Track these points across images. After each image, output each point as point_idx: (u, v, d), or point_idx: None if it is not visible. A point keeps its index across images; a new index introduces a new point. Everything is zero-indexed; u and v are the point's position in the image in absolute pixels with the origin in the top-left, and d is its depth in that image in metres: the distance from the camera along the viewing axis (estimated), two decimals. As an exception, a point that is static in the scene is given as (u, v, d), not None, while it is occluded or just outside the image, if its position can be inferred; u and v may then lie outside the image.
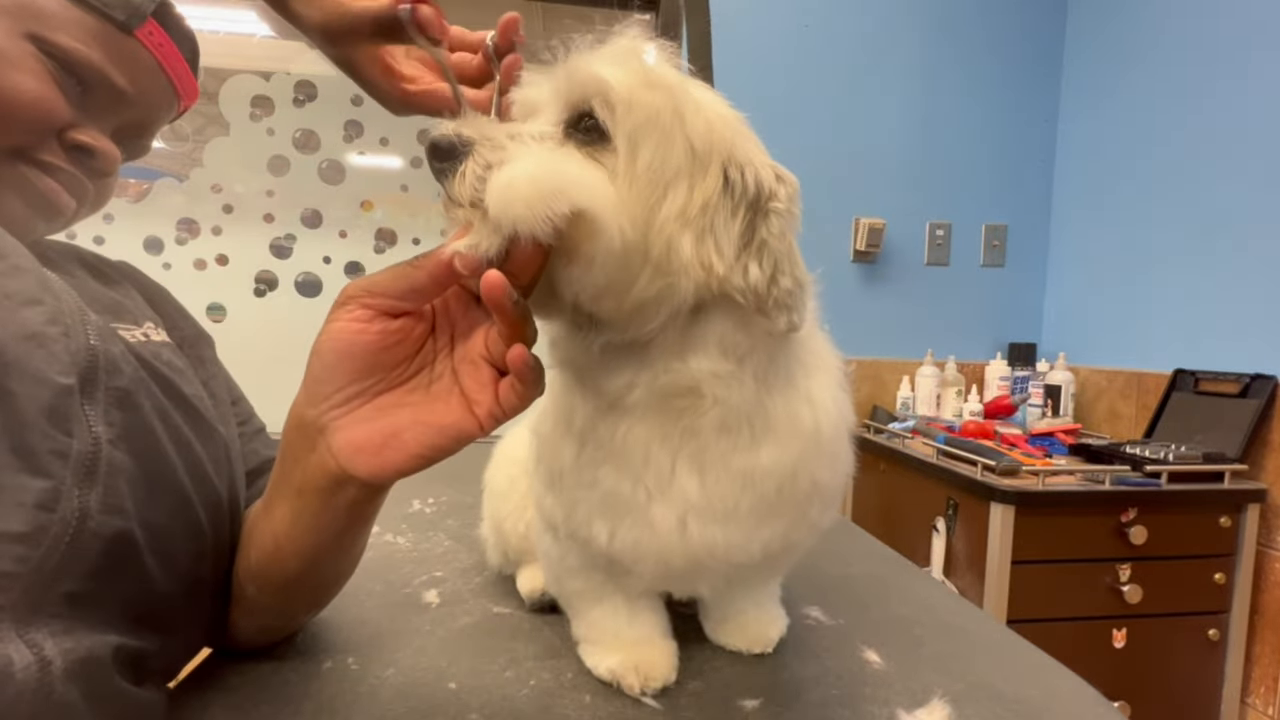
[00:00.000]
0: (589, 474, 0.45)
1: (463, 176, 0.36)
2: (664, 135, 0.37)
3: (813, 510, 0.48)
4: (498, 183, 0.35)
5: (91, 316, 0.40)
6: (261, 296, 1.90)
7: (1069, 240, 2.08)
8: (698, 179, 0.38)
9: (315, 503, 0.40)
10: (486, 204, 0.34)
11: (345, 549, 0.47)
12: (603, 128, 0.37)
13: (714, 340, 0.41)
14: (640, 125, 0.37)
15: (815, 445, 0.45)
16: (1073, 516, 1.40)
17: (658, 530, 0.44)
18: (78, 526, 0.35)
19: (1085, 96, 2.03)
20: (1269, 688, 1.46)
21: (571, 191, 0.34)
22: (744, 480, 0.44)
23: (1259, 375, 1.49)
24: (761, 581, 0.59)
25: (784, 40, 1.99)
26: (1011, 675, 0.54)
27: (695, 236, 0.38)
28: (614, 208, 0.36)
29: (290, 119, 1.87)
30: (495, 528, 0.68)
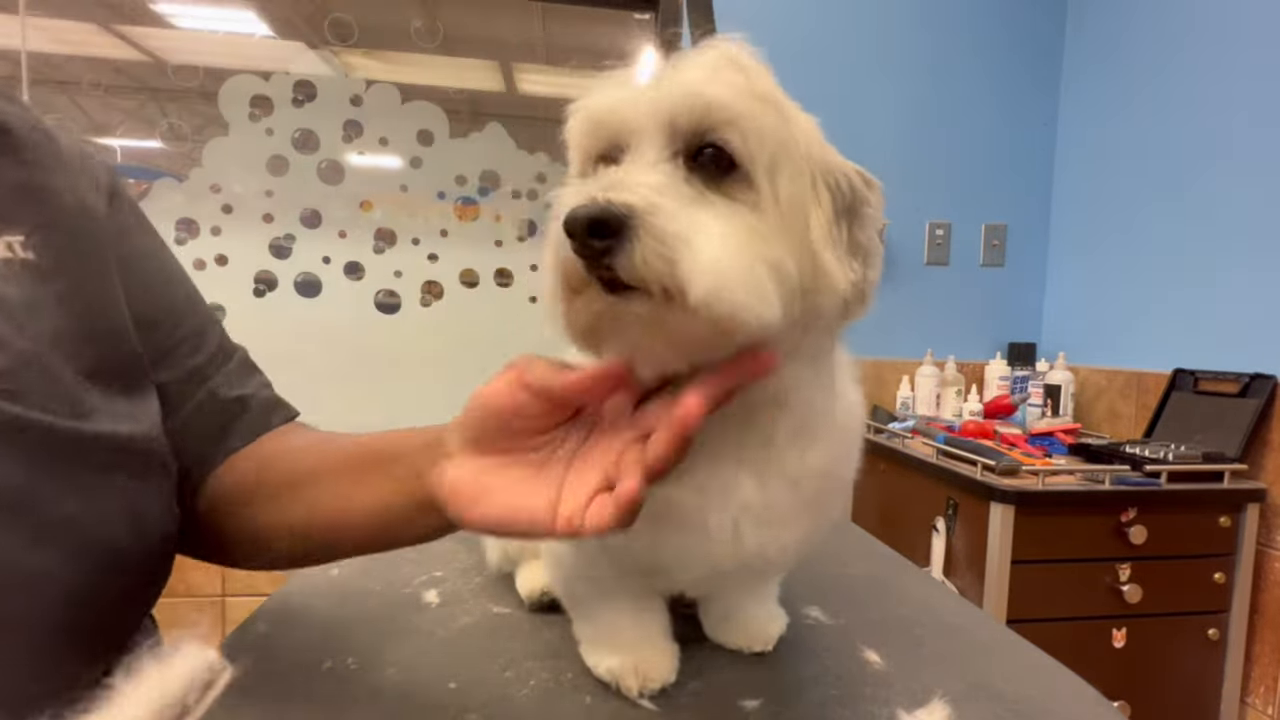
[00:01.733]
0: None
1: (643, 257, 0.31)
2: (792, 160, 0.35)
3: (836, 507, 0.49)
4: (703, 265, 0.31)
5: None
6: (261, 297, 1.90)
7: (1069, 240, 2.08)
8: (818, 197, 0.37)
9: (402, 509, 0.43)
10: (690, 294, 0.30)
11: (388, 547, 0.48)
12: (727, 157, 0.34)
13: (810, 348, 0.40)
14: (774, 153, 0.34)
15: (847, 444, 0.46)
16: (1072, 516, 1.40)
17: (713, 538, 0.43)
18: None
19: (1085, 96, 2.03)
20: (1269, 687, 1.46)
21: (768, 288, 0.32)
22: (792, 483, 0.44)
23: (1259, 375, 1.49)
24: (767, 579, 0.59)
25: (783, 40, 1.98)
26: (1011, 675, 0.54)
27: (833, 254, 0.37)
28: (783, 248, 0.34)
29: (289, 119, 1.87)
30: None
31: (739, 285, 0.31)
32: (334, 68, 1.97)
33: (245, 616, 0.59)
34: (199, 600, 1.82)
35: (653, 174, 0.33)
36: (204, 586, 1.82)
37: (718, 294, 0.31)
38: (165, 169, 1.86)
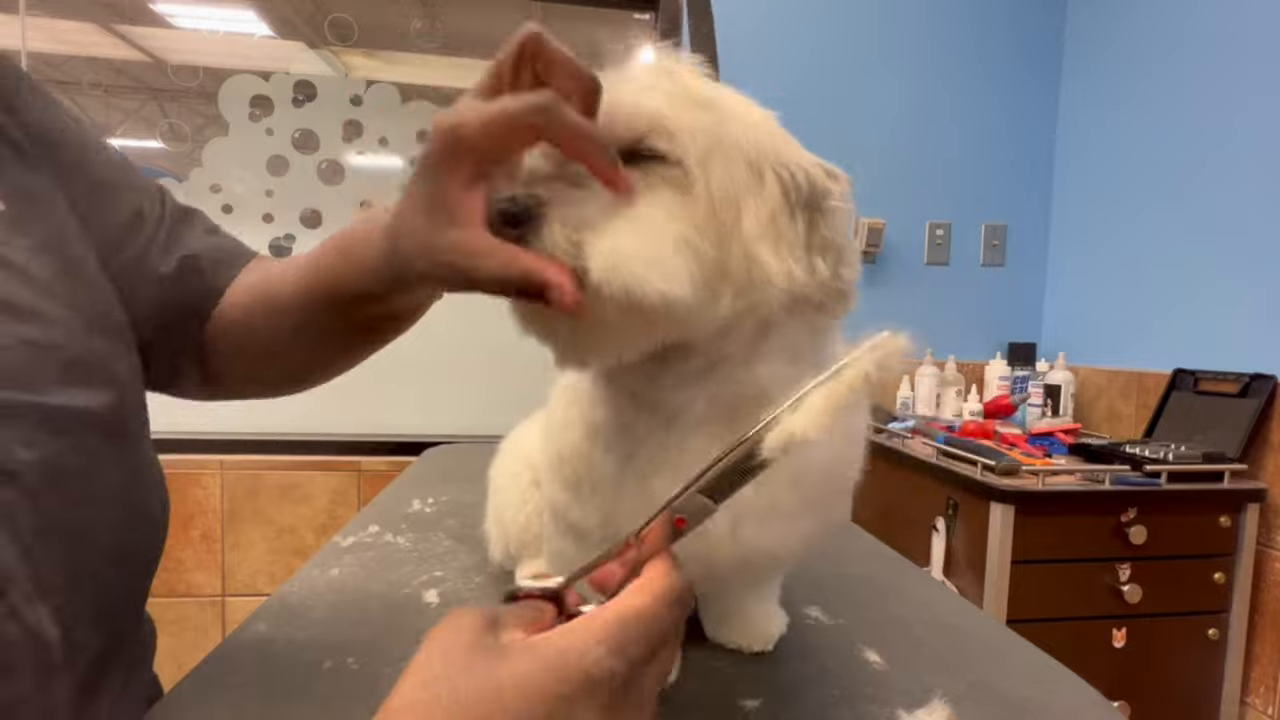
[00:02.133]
0: (637, 485, 0.44)
1: (552, 238, 0.33)
2: (725, 154, 0.36)
3: (838, 507, 0.49)
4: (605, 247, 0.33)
5: None
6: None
7: (1069, 240, 2.08)
8: (758, 190, 0.37)
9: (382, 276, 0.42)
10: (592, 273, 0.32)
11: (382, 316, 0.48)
12: (666, 158, 0.36)
13: (783, 346, 0.40)
14: (705, 149, 0.36)
15: (850, 441, 0.46)
16: (1072, 516, 1.40)
17: (710, 537, 0.43)
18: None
19: (1085, 96, 2.03)
20: (1269, 687, 1.46)
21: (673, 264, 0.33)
22: (793, 481, 0.44)
23: (1259, 375, 1.49)
24: (767, 579, 0.59)
25: (783, 40, 1.99)
26: (1011, 675, 0.54)
27: (772, 248, 0.37)
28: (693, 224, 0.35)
29: (289, 119, 1.87)
30: (497, 520, 0.68)
31: (639, 261, 0.32)
32: (334, 68, 1.97)
33: (245, 616, 0.59)
34: (199, 600, 1.82)
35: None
36: (204, 586, 1.82)
37: (615, 270, 0.32)
38: (165, 169, 1.86)
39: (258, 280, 0.50)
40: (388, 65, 2.01)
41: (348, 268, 0.43)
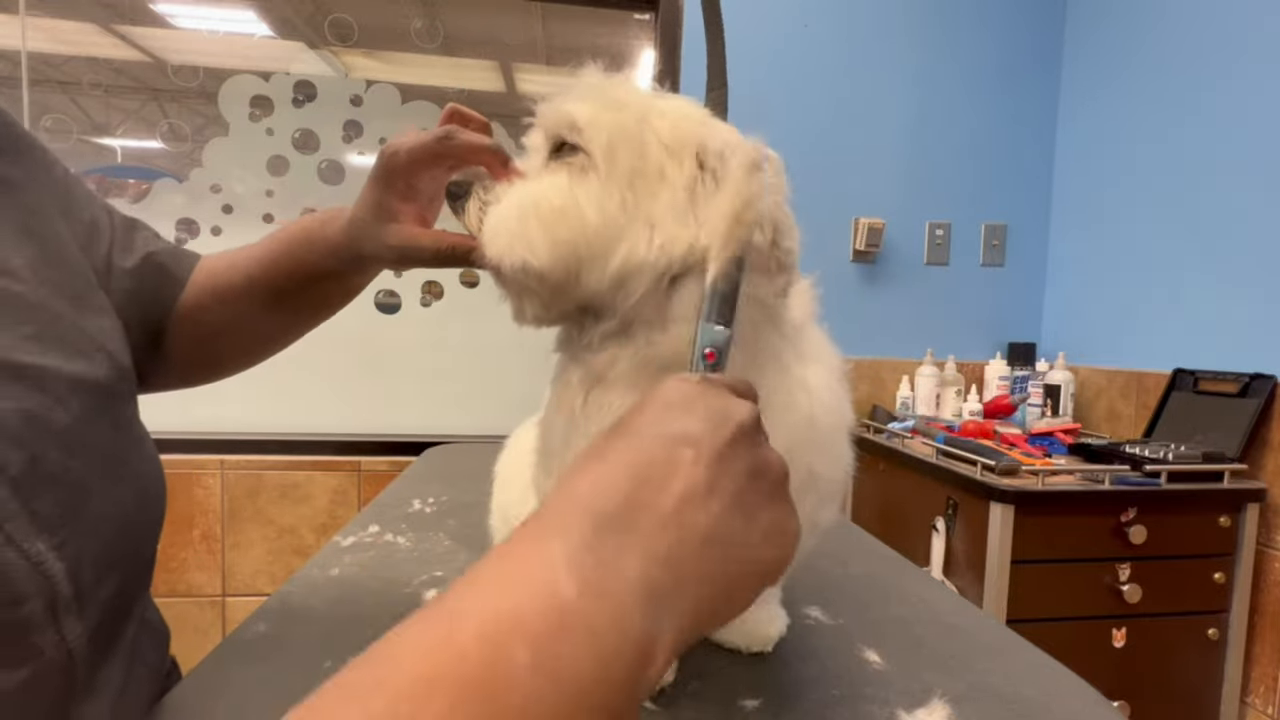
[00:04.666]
0: (577, 448, 0.46)
1: (468, 211, 0.44)
2: (634, 142, 0.43)
3: (807, 502, 0.47)
4: (487, 224, 0.43)
5: None
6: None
7: (1069, 240, 2.08)
8: (674, 170, 0.42)
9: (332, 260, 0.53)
10: (483, 242, 0.43)
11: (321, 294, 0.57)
12: (579, 148, 0.43)
13: (690, 309, 0.42)
14: (611, 138, 0.42)
15: (810, 433, 0.45)
16: (1072, 516, 1.40)
17: None
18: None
19: (1085, 96, 2.03)
20: (1269, 687, 1.46)
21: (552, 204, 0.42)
22: None
23: (1258, 375, 1.49)
24: None
25: (784, 40, 1.99)
26: (1011, 675, 0.54)
27: (678, 215, 0.42)
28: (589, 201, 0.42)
29: (289, 119, 1.87)
30: (502, 516, 0.69)
31: (507, 234, 0.42)
32: (334, 68, 1.97)
33: (245, 616, 0.59)
34: (199, 600, 1.82)
35: (530, 162, 0.46)
36: (204, 586, 1.82)
37: (490, 240, 0.42)
38: (165, 169, 1.86)
39: (204, 277, 0.57)
40: (388, 65, 2.01)
41: (310, 251, 0.53)
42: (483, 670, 0.19)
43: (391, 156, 0.46)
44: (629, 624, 0.22)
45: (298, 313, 0.59)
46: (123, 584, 0.42)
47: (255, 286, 0.55)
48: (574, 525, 0.23)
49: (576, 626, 0.20)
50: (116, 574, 0.40)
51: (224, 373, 0.63)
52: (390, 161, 0.46)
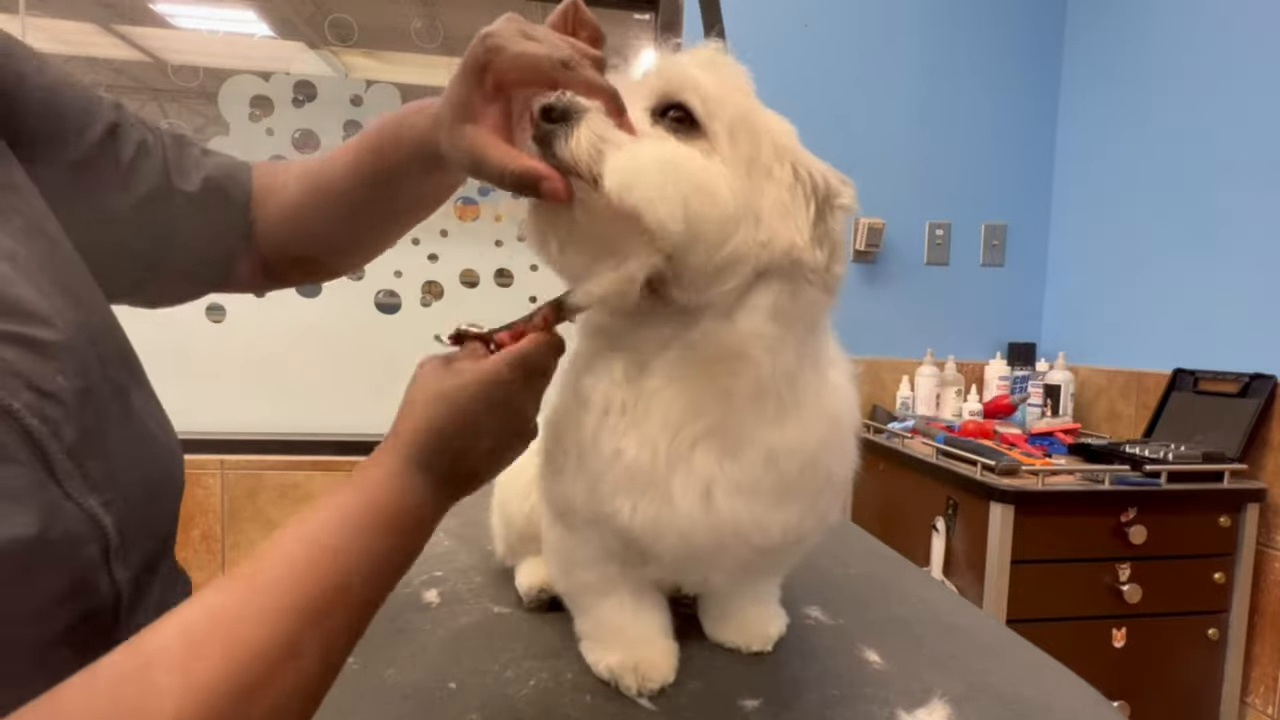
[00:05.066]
0: (611, 445, 0.46)
1: (578, 140, 0.39)
2: (752, 132, 0.42)
3: (823, 500, 0.49)
4: (622, 163, 0.38)
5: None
6: (261, 297, 1.90)
7: (1069, 240, 2.08)
8: (777, 171, 0.43)
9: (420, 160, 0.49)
10: (605, 181, 0.38)
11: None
12: (694, 119, 0.42)
13: (766, 305, 0.43)
14: (734, 121, 0.42)
15: (836, 433, 0.47)
16: (1072, 516, 1.40)
17: (677, 505, 0.45)
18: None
19: (1085, 96, 2.03)
20: (1269, 687, 1.46)
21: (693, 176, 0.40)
22: (768, 456, 0.45)
23: (1258, 375, 1.49)
24: (765, 576, 0.59)
25: (784, 40, 1.99)
26: (1011, 675, 0.54)
27: (782, 215, 0.43)
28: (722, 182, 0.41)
29: (289, 119, 1.87)
30: (502, 511, 0.68)
31: (649, 187, 0.38)
32: (334, 68, 1.97)
33: (245, 616, 0.59)
34: (199, 600, 1.81)
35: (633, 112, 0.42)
36: (204, 586, 1.82)
37: (628, 187, 0.38)
38: (165, 169, 1.86)
39: (308, 176, 0.55)
40: (388, 65, 2.01)
41: (397, 149, 0.49)
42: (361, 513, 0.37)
43: (492, 52, 0.41)
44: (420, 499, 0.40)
45: (391, 216, 0.57)
46: (153, 540, 0.44)
47: (351, 187, 0.53)
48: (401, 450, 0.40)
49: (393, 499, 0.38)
50: (148, 530, 0.43)
51: (321, 275, 0.62)
52: (487, 58, 0.41)
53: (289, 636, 0.31)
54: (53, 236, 0.42)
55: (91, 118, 0.48)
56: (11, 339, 0.34)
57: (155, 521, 0.44)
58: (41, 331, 0.35)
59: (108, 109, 0.49)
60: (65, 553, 0.34)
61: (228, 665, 0.29)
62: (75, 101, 0.47)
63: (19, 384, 0.33)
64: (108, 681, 0.27)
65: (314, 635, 0.33)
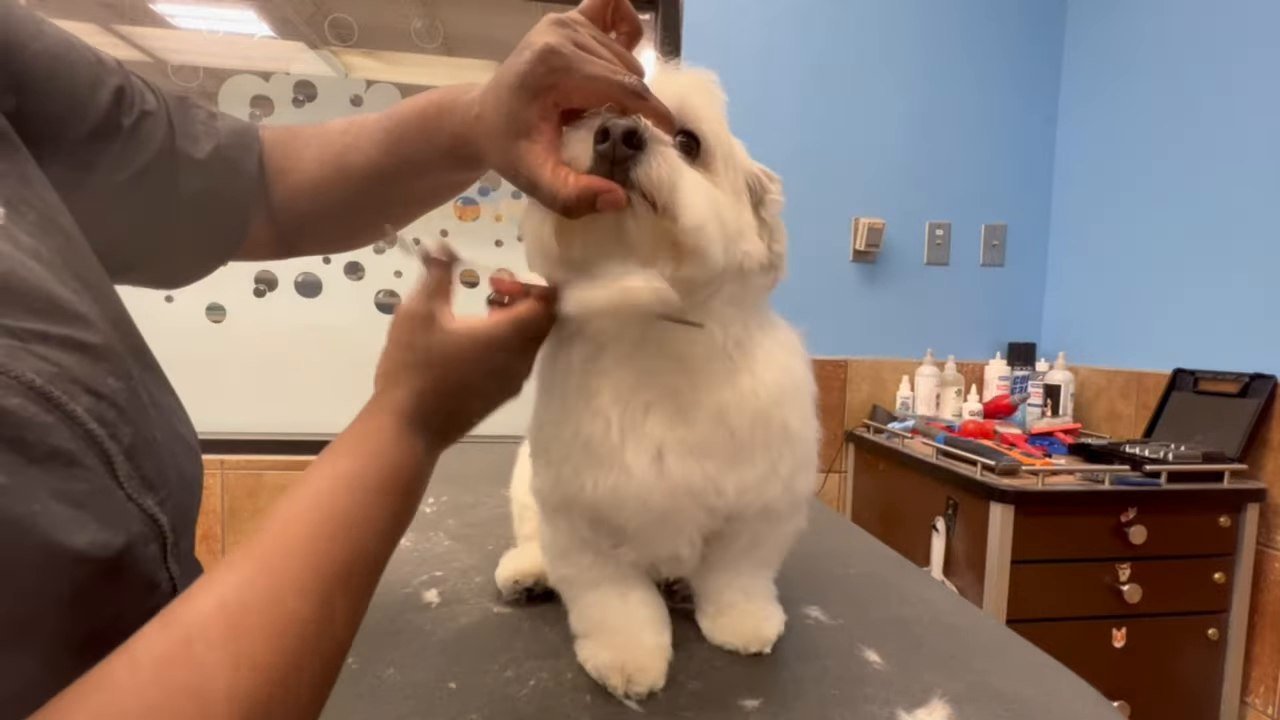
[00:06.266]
0: (571, 426, 0.48)
1: (658, 171, 0.40)
2: (735, 161, 0.47)
3: (784, 463, 0.51)
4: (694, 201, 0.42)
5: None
6: (261, 297, 1.90)
7: (1069, 240, 2.08)
8: (744, 190, 0.49)
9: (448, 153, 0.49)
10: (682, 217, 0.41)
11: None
12: (699, 146, 0.45)
13: (725, 294, 0.48)
14: (727, 154, 0.46)
15: (790, 387, 0.50)
16: (1072, 516, 1.40)
17: (633, 472, 0.47)
18: None
19: (1085, 96, 2.03)
20: (1269, 687, 1.46)
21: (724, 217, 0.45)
22: (718, 414, 0.48)
23: (1259, 375, 1.49)
24: (749, 565, 0.59)
25: (784, 40, 1.99)
26: (1011, 675, 0.54)
27: (752, 230, 0.48)
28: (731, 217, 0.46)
29: (289, 119, 1.87)
30: (517, 505, 0.72)
31: (713, 228, 0.43)
32: (334, 68, 1.97)
33: (245, 616, 0.59)
34: (199, 600, 1.81)
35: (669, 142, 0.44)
36: (204, 586, 1.81)
37: (703, 229, 0.42)
38: (165, 169, 1.86)
39: (329, 154, 0.54)
40: (388, 65, 2.01)
41: (426, 143, 0.49)
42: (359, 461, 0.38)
43: (558, 73, 0.40)
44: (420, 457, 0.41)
45: (412, 202, 0.57)
46: (190, 534, 0.44)
47: (377, 172, 0.52)
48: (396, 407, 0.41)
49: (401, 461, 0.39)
50: (187, 524, 0.42)
51: (340, 247, 0.63)
52: (552, 77, 0.40)
53: (324, 605, 0.32)
54: (66, 230, 0.40)
55: (98, 83, 0.44)
56: (64, 342, 0.33)
57: (190, 519, 0.44)
58: (86, 334, 0.35)
59: (111, 71, 0.46)
60: (137, 555, 0.34)
61: (272, 639, 0.29)
62: (80, 67, 0.44)
63: (78, 389, 0.33)
64: (152, 661, 0.27)
65: (343, 599, 0.33)
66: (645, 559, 0.54)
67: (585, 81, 0.40)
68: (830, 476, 2.04)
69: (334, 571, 0.33)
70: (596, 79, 0.40)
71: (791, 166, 2.01)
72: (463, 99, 0.46)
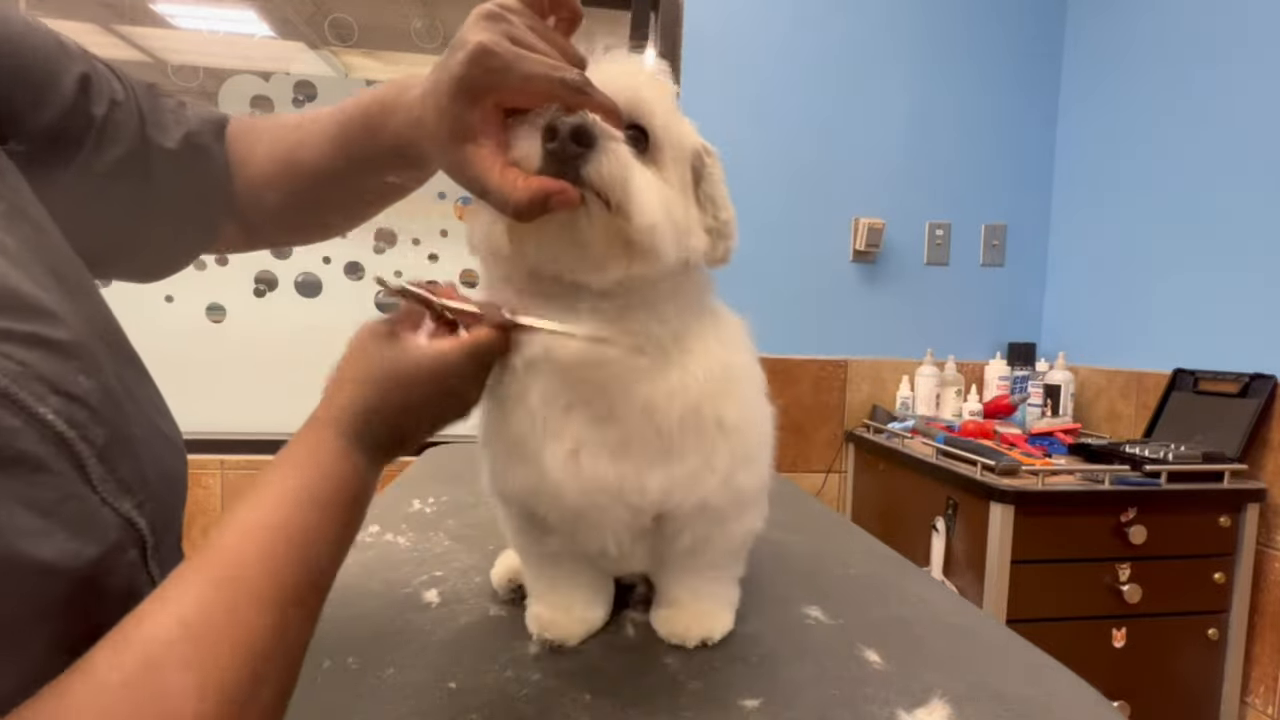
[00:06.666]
0: (503, 424, 0.49)
1: (609, 168, 0.40)
2: (682, 153, 0.47)
3: (719, 458, 0.50)
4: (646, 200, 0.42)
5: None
6: (261, 297, 1.90)
7: (1069, 240, 2.08)
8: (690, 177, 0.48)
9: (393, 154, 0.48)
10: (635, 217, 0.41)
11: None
12: (647, 140, 0.45)
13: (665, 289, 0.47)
14: (676, 147, 0.46)
15: (725, 382, 0.49)
16: (1072, 516, 1.40)
17: (548, 469, 0.47)
18: None
19: (1085, 96, 2.03)
20: (1269, 687, 1.46)
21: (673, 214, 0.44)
22: (645, 411, 0.47)
23: (1259, 375, 1.49)
24: (697, 565, 0.58)
25: (784, 40, 1.99)
26: (1011, 675, 0.54)
27: (698, 227, 0.48)
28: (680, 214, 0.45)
29: (290, 119, 1.87)
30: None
31: (665, 227, 0.43)
32: (334, 68, 1.97)
33: (245, 616, 0.59)
34: (199, 600, 1.81)
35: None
36: (204, 586, 1.81)
37: (656, 228, 0.42)
38: (165, 169, 1.86)
39: (280, 149, 0.53)
40: (388, 65, 2.01)
41: (373, 142, 0.48)
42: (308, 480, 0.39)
43: (493, 74, 0.38)
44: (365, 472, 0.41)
45: (362, 201, 0.56)
46: (175, 531, 0.44)
47: (324, 169, 0.51)
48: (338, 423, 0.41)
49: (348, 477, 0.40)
50: (171, 522, 0.42)
51: (307, 239, 0.62)
52: (489, 79, 0.39)
53: (281, 617, 0.32)
54: (36, 221, 0.38)
55: (61, 72, 0.43)
56: (28, 339, 0.32)
57: (174, 518, 0.44)
58: (54, 330, 0.33)
59: (76, 59, 0.44)
60: (114, 563, 0.33)
61: (235, 657, 0.29)
62: (41, 55, 0.42)
63: (45, 389, 0.31)
64: (118, 682, 0.26)
65: (297, 612, 0.34)
66: (575, 550, 0.55)
67: (525, 82, 0.38)
68: (830, 476, 2.04)
69: (289, 583, 0.33)
70: (536, 77, 0.38)
71: (791, 166, 2.01)
72: (404, 99, 0.44)
